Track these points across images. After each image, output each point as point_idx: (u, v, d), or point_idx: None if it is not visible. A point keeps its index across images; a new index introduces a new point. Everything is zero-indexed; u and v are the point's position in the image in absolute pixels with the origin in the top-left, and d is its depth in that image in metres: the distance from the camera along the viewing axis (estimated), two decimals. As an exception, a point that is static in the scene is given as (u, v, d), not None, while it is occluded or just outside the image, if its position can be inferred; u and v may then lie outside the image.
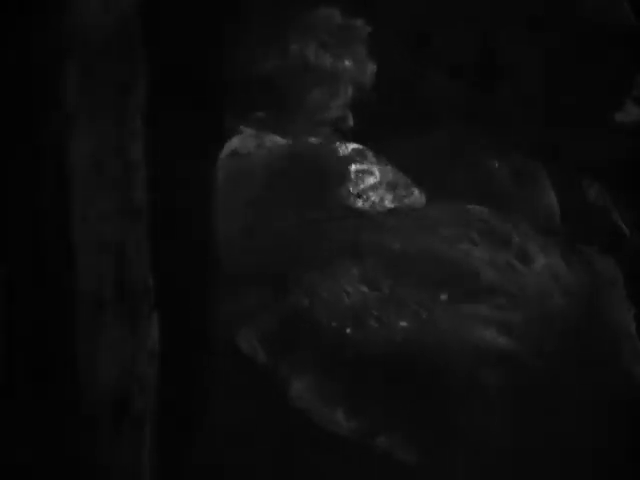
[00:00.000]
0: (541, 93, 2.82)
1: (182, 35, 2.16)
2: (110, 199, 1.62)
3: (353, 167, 2.47)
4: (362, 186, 2.42)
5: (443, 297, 2.08)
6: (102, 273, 1.63)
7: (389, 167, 2.54)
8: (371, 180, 2.45)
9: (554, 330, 2.16)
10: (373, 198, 2.40)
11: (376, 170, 2.50)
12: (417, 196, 2.54)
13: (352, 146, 2.53)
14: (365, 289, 2.09)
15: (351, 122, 2.69)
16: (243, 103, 2.66)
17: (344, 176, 2.44)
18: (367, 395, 1.99)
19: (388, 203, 2.41)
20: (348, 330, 2.01)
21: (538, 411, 2.10)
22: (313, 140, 2.60)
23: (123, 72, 1.58)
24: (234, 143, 2.65)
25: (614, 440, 2.11)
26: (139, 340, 1.72)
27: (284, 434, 2.01)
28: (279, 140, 2.68)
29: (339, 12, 2.70)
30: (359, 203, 2.45)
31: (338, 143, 2.56)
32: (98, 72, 1.55)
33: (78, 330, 1.63)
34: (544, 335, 2.12)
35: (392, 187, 2.42)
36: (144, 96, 1.61)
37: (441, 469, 2.04)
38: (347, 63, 2.67)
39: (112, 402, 1.69)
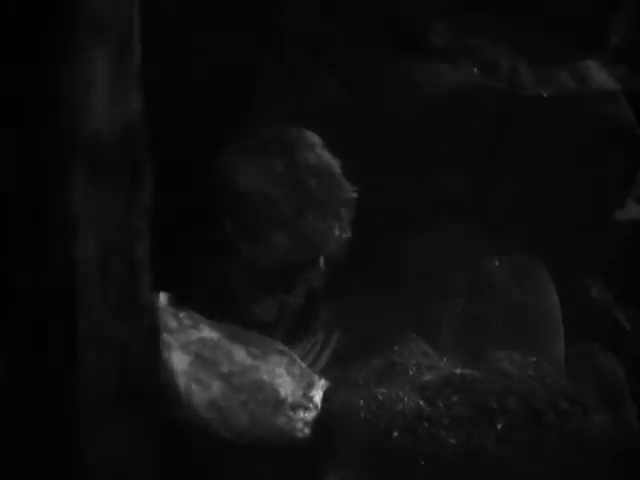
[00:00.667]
0: (542, 191, 2.84)
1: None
2: (115, 300, 1.63)
3: None
4: None
5: (499, 425, 2.08)
6: (106, 374, 1.63)
7: None
8: None
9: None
10: None
11: None
12: None
13: None
14: (420, 402, 2.10)
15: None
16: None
17: None
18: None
19: None
20: (395, 434, 2.00)
21: None
22: None
23: (129, 175, 1.60)
24: None
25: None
26: (143, 437, 1.71)
27: None
28: None
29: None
30: None
31: None
32: (104, 176, 1.57)
33: (81, 432, 1.63)
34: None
35: None
36: (149, 197, 1.63)
37: None
38: None
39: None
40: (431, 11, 2.85)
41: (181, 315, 1.85)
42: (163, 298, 1.84)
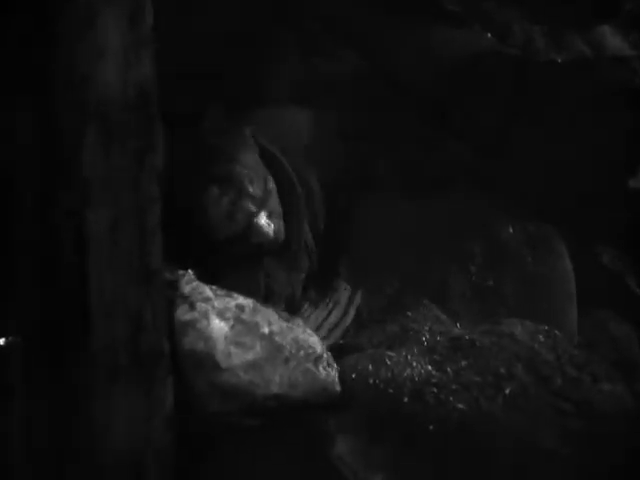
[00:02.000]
0: (556, 158, 2.83)
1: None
2: (126, 265, 1.63)
3: None
4: None
5: (507, 391, 2.09)
6: (118, 339, 1.64)
7: None
8: None
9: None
10: None
11: None
12: None
13: None
14: (429, 367, 2.11)
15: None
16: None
17: None
18: (410, 468, 1.98)
19: None
20: (405, 399, 2.02)
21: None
22: None
23: (140, 139, 1.59)
24: None
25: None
26: (154, 405, 1.71)
27: None
28: None
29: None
30: None
31: None
32: (116, 140, 1.57)
33: (94, 397, 1.63)
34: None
35: None
36: (161, 163, 1.63)
37: None
38: None
39: (126, 468, 1.68)
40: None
41: (214, 286, 1.89)
42: (191, 272, 1.88)
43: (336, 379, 1.94)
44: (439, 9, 2.83)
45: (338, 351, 2.31)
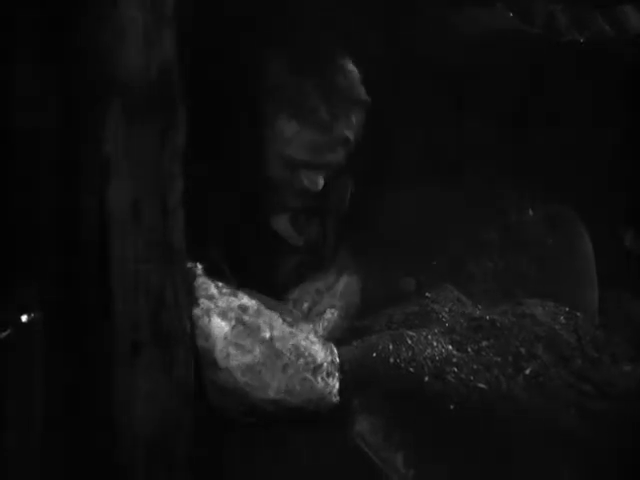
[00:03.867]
0: (575, 143, 2.81)
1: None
2: (148, 243, 1.63)
3: None
4: None
5: (527, 371, 2.09)
6: (139, 317, 1.64)
7: None
8: None
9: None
10: None
11: None
12: None
13: None
14: (450, 347, 2.11)
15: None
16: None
17: None
18: (430, 447, 1.99)
19: None
20: (426, 378, 2.02)
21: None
22: None
23: (163, 117, 1.59)
24: None
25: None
26: (175, 385, 1.72)
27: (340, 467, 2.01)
28: None
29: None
30: None
31: None
32: (137, 117, 1.57)
33: (115, 373, 1.63)
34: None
35: None
36: (183, 141, 1.63)
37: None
38: None
39: (148, 447, 1.69)
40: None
41: (220, 284, 1.88)
42: (200, 267, 1.87)
43: (335, 390, 1.93)
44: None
45: (358, 331, 2.32)
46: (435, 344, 2.12)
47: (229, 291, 1.88)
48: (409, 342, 2.11)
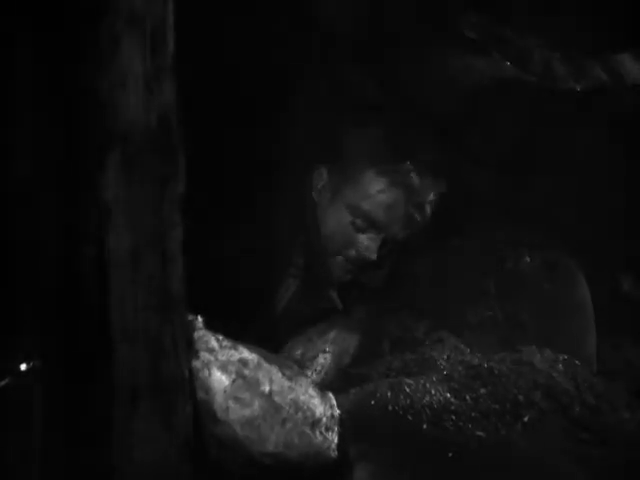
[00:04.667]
0: (575, 190, 2.83)
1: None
2: (147, 291, 1.63)
3: None
4: None
5: (525, 418, 2.10)
6: (138, 364, 1.64)
7: None
8: None
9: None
10: None
11: None
12: None
13: None
14: (448, 395, 2.11)
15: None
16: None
17: None
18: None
19: None
20: (424, 426, 2.02)
21: None
22: None
23: (162, 165, 1.60)
24: None
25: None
26: (174, 434, 1.71)
27: None
28: None
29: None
30: None
31: None
32: (137, 166, 1.58)
33: (114, 421, 1.63)
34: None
35: None
36: (183, 189, 1.64)
37: None
38: None
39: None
40: (463, 2, 2.85)
41: (220, 337, 1.89)
42: (200, 320, 1.88)
43: (333, 445, 1.92)
44: (458, 37, 2.84)
45: (356, 378, 2.32)
46: (433, 392, 2.12)
47: (229, 344, 1.88)
48: (407, 390, 2.11)
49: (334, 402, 1.96)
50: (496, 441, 2.04)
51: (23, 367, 1.60)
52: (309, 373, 2.55)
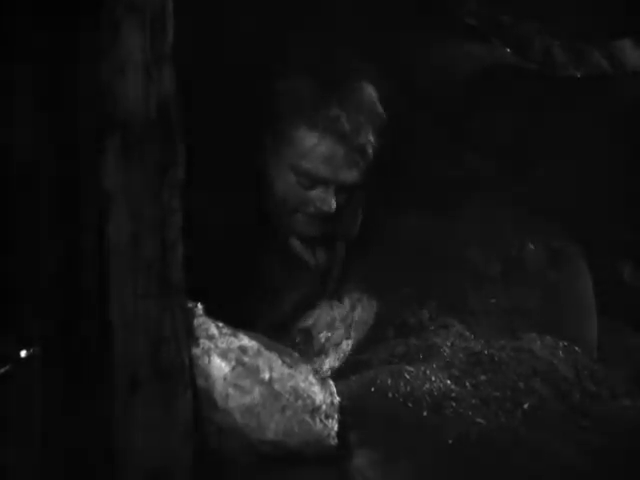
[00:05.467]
0: (575, 176, 2.83)
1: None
2: (147, 278, 1.63)
3: None
4: None
5: (525, 405, 2.10)
6: (139, 351, 1.64)
7: None
8: None
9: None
10: None
11: None
12: None
13: None
14: (448, 382, 2.12)
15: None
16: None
17: None
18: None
19: None
20: (424, 413, 2.02)
21: None
22: None
23: (162, 153, 1.60)
24: None
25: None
26: (174, 420, 1.72)
27: None
28: None
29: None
30: None
31: None
32: (137, 153, 1.58)
33: (114, 407, 1.63)
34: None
35: None
36: (182, 175, 1.64)
37: None
38: None
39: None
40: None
41: (220, 324, 1.89)
42: (200, 307, 1.88)
43: (333, 432, 1.92)
44: (458, 24, 2.84)
45: (357, 365, 2.32)
46: (434, 379, 2.12)
47: (229, 331, 1.88)
48: (407, 377, 2.11)
49: (334, 389, 1.96)
50: (496, 428, 2.04)
51: (23, 354, 1.61)
52: (331, 360, 2.55)
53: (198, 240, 1.87)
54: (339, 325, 2.60)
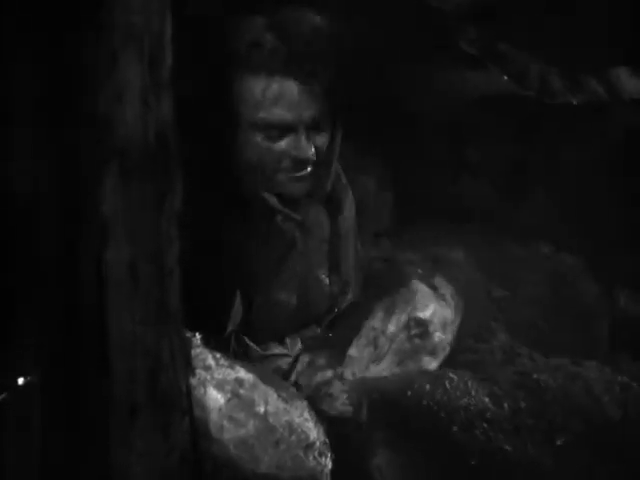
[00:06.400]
0: (575, 203, 2.84)
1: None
2: (145, 304, 1.64)
3: None
4: None
5: (558, 442, 2.07)
6: (136, 378, 1.64)
7: None
8: None
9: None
10: None
11: None
12: None
13: None
14: (487, 399, 2.09)
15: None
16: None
17: None
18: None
19: None
20: (455, 428, 2.01)
21: None
22: None
23: (160, 180, 1.61)
24: None
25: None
26: (171, 447, 1.72)
27: None
28: None
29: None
30: None
31: None
32: (135, 180, 1.58)
33: (112, 435, 1.63)
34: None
35: None
36: (180, 203, 1.64)
37: None
38: None
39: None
40: (462, 18, 2.86)
41: (217, 355, 1.89)
42: (199, 337, 1.89)
43: (326, 469, 1.92)
44: (456, 51, 2.85)
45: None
46: (473, 393, 2.09)
47: (226, 363, 1.88)
48: (447, 386, 2.08)
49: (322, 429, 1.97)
50: (522, 459, 2.02)
51: (21, 381, 1.61)
52: (435, 363, 2.47)
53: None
54: (450, 329, 2.50)
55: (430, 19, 2.82)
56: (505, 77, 2.85)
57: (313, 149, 2.29)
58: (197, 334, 1.87)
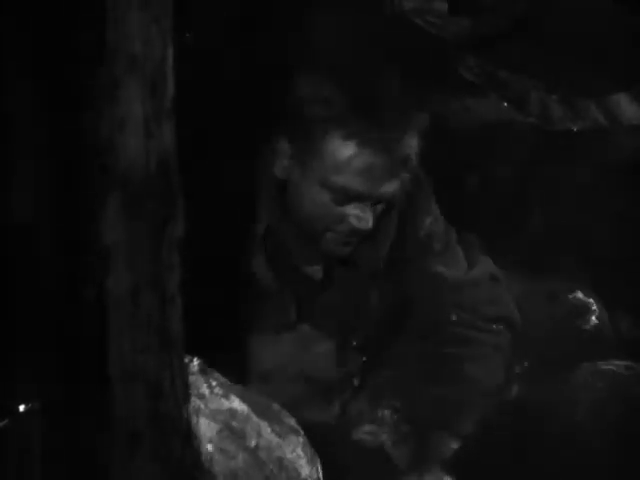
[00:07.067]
0: (574, 224, 2.84)
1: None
2: (146, 333, 1.63)
3: None
4: None
5: None
6: (137, 406, 1.64)
7: None
8: None
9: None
10: None
11: None
12: None
13: None
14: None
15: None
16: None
17: None
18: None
19: None
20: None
21: None
22: None
23: (161, 207, 1.61)
24: None
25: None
26: (173, 475, 1.71)
27: None
28: None
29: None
30: None
31: None
32: (137, 208, 1.58)
33: (113, 464, 1.63)
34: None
35: None
36: (182, 230, 1.64)
37: None
38: None
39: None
40: (461, 45, 2.87)
41: (213, 383, 1.88)
42: (196, 363, 1.87)
43: None
44: (456, 78, 2.86)
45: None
46: None
47: (221, 392, 1.87)
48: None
49: (319, 467, 1.95)
50: None
51: (21, 408, 1.60)
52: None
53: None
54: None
55: (430, 47, 2.84)
56: (505, 104, 2.86)
57: (372, 222, 2.30)
58: (195, 359, 1.86)
